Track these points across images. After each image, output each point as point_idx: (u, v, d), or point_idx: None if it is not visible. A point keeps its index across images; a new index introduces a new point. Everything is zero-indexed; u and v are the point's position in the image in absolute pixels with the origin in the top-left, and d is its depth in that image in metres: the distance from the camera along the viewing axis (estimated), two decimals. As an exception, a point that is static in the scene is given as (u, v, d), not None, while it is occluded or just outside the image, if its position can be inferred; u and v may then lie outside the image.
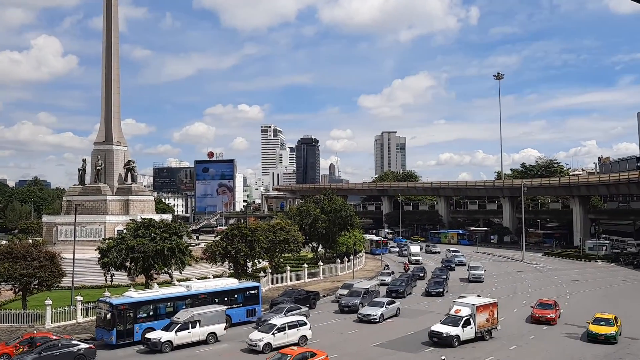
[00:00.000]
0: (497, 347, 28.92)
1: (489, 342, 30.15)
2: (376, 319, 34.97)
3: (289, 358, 23.76)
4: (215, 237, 50.42)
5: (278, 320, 30.28)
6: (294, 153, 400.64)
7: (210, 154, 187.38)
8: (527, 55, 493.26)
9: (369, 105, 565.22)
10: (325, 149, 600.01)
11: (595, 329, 29.56)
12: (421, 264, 63.16)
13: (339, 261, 60.62)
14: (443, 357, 24.99)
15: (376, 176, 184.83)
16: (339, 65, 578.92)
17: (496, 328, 31.63)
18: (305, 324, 30.71)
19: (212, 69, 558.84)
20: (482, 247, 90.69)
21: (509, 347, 28.85)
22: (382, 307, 36.34)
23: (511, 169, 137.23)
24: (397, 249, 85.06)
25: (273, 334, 28.79)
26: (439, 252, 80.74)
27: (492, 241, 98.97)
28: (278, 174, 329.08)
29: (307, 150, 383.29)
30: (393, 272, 55.68)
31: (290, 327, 29.70)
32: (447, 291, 46.37)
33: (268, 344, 28.25)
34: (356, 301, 38.97)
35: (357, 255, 64.96)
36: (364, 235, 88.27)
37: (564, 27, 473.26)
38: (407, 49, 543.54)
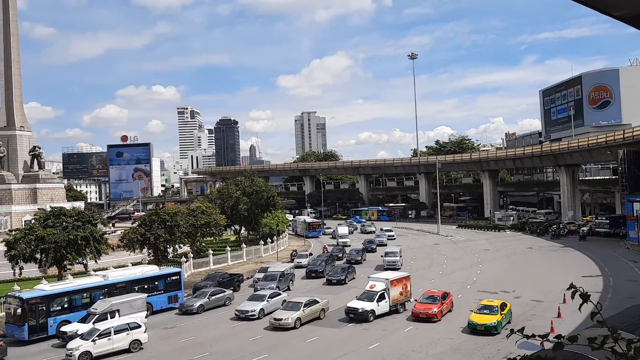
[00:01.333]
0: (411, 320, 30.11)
1: (403, 314, 31.06)
2: (255, 315, 30.94)
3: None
4: (132, 223, 48.40)
5: (102, 325, 26.28)
6: (213, 135, 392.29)
7: (124, 138, 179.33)
8: (439, 35, 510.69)
9: (288, 86, 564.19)
10: (245, 130, 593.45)
11: (475, 318, 26.83)
12: (348, 246, 61.27)
13: (263, 243, 60.51)
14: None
15: (297, 156, 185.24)
16: (256, 45, 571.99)
17: (409, 300, 32.53)
18: (138, 326, 26.79)
19: (122, 49, 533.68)
20: (401, 222, 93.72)
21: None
22: (263, 301, 32.26)
23: (426, 146, 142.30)
24: (332, 230, 79.06)
25: (93, 340, 24.94)
26: (374, 232, 76.30)
27: (410, 216, 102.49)
28: (197, 157, 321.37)
29: (226, 131, 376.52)
30: (311, 254, 54.40)
31: (117, 332, 25.80)
32: (354, 278, 42.47)
33: (86, 353, 24.46)
34: (272, 285, 37.53)
35: (281, 236, 65.08)
36: (297, 217, 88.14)
37: (473, 9, 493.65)
38: (324, 29, 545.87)
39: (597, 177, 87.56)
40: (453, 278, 42.17)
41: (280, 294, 34.25)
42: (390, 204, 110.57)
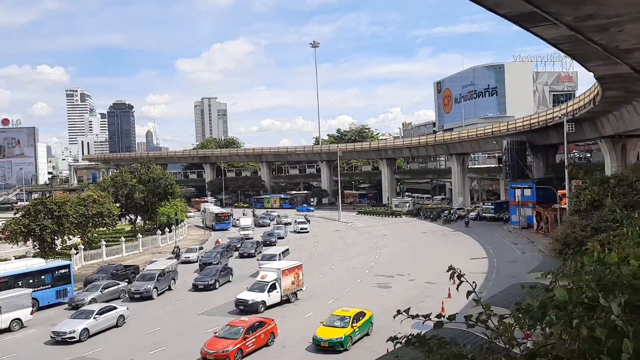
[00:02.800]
0: (302, 309, 30.62)
1: (294, 304, 30.96)
2: (75, 337, 24.71)
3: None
4: (15, 214, 44.83)
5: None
6: (106, 120, 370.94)
7: (5, 121, 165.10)
8: (341, 25, 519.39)
9: (187, 70, 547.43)
10: (142, 115, 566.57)
11: (321, 332, 22.86)
12: (251, 238, 57.78)
13: (160, 232, 58.53)
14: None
15: (197, 143, 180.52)
16: (153, 27, 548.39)
17: (301, 289, 32.32)
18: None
19: (3, 25, 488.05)
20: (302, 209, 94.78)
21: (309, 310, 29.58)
22: (90, 319, 25.92)
23: (328, 135, 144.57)
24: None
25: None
26: (290, 224, 69.51)
27: (312, 203, 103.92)
28: (88, 143, 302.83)
29: (120, 116, 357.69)
30: (201, 248, 50.45)
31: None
32: (229, 281, 37.30)
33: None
34: (149, 286, 33.24)
35: (180, 225, 63.30)
36: (206, 207, 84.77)
37: (373, 1, 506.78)
38: (225, 12, 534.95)
39: (484, 166, 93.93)
40: (352, 263, 43.39)
41: (115, 308, 27.92)
42: (293, 192, 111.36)
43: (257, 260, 40.15)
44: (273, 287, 30.18)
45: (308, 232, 63.06)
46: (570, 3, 7.99)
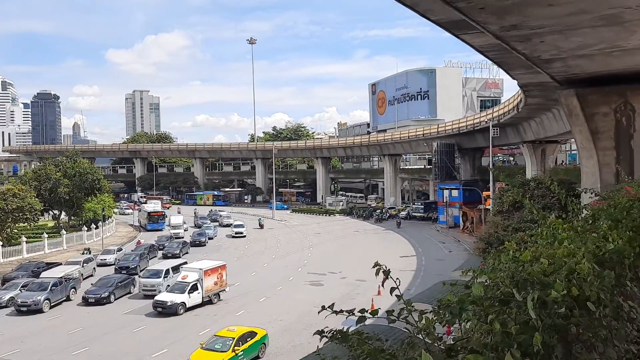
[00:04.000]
0: (233, 307, 30.40)
1: (217, 306, 30.17)
2: None
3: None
4: None
5: None
6: (30, 110, 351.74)
7: None
8: (279, 23, 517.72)
9: (118, 61, 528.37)
10: (68, 107, 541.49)
11: (196, 357, 19.98)
12: (182, 237, 55.21)
13: (86, 229, 56.14)
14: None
15: (128, 137, 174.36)
16: (81, 14, 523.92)
17: (225, 290, 31.46)
18: None
19: None
20: (237, 207, 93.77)
21: (236, 311, 28.83)
22: None
23: (264, 132, 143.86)
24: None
25: None
26: (230, 225, 64.65)
27: (246, 201, 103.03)
28: (9, 134, 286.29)
29: (45, 107, 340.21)
30: (121, 249, 46.66)
31: None
32: (129, 292, 32.57)
33: None
34: (39, 297, 28.76)
35: (107, 222, 60.94)
36: (143, 205, 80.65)
37: (311, 0, 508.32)
38: (160, 4, 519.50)
39: (415, 167, 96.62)
40: (285, 261, 43.43)
41: None
42: (227, 189, 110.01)
43: (139, 277, 34.57)
44: (194, 288, 28.99)
45: (244, 236, 57.32)
46: (496, 13, 8.38)
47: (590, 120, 15.11)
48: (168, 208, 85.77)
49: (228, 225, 65.54)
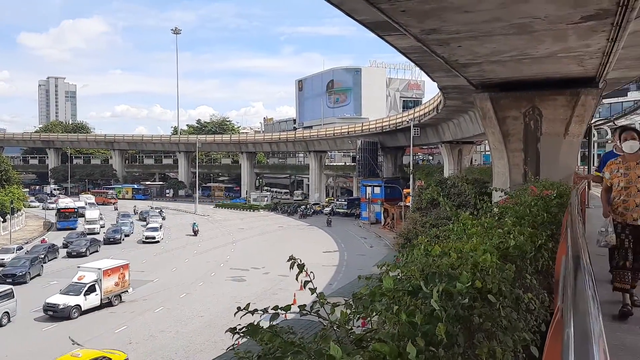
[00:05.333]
0: (151, 304, 29.62)
1: (136, 303, 29.12)
2: None
3: None
4: None
5: None
6: None
7: None
8: (204, 14, 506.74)
9: (31, 45, 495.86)
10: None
11: None
12: (97, 233, 52.49)
13: (-9, 222, 52.42)
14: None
15: (41, 126, 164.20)
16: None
17: (127, 291, 29.98)
18: None
19: None
20: (157, 201, 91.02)
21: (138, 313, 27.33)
22: None
23: (187, 125, 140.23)
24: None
25: None
26: (164, 219, 63.34)
27: (167, 195, 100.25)
28: None
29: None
30: (21, 247, 41.86)
31: None
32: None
33: None
34: None
35: (16, 215, 57.19)
36: (63, 201, 74.29)
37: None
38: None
39: (340, 164, 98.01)
40: (207, 257, 42.72)
41: None
42: (147, 182, 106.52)
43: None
44: (92, 289, 27.20)
45: (158, 242, 50.35)
46: (417, 16, 8.65)
47: (502, 123, 15.97)
48: (114, 204, 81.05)
49: (164, 218, 63.97)
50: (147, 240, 49.94)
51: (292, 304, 2.47)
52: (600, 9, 8.07)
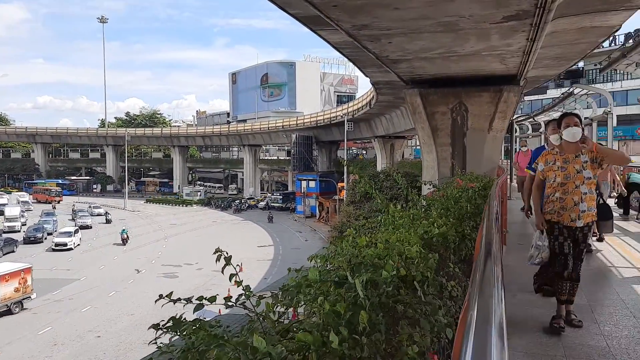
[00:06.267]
0: (78, 303, 28.53)
1: (61, 303, 27.85)
2: None
3: None
4: None
5: None
6: None
7: None
8: (134, 3, 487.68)
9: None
10: None
11: None
12: (18, 231, 48.87)
13: None
14: None
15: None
16: None
17: (30, 297, 28.18)
18: None
19: None
20: (84, 196, 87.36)
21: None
22: None
23: (116, 117, 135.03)
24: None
25: None
26: (109, 221, 59.05)
27: (95, 190, 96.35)
28: None
29: None
30: None
31: None
32: None
33: None
34: None
35: None
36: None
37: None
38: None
39: (275, 158, 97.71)
40: (138, 253, 41.48)
41: None
42: (73, 177, 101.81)
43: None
44: None
45: (71, 249, 43.08)
46: (348, 12, 8.75)
47: (431, 118, 16.47)
48: (58, 202, 76.05)
49: (99, 215, 61.17)
50: (56, 249, 42.60)
51: (217, 296, 2.45)
52: (520, 9, 8.48)
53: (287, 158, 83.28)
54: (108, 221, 58.09)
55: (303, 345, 1.94)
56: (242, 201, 73.88)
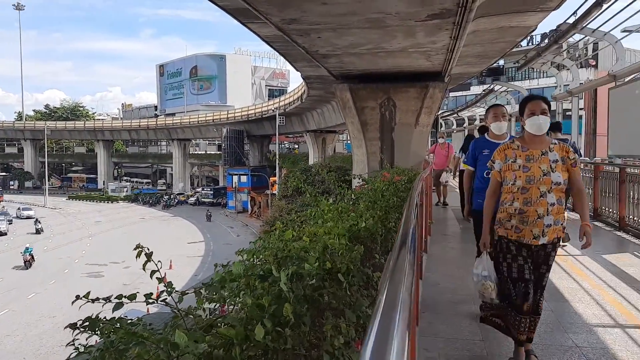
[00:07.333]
0: None
1: None
2: None
3: None
4: None
5: None
6: None
7: None
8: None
9: None
10: None
11: None
12: None
13: None
14: None
15: None
16: None
17: None
18: None
19: None
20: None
21: None
22: None
23: (35, 110, 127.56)
24: None
25: None
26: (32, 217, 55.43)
27: (12, 187, 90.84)
28: None
29: None
30: None
31: None
32: None
33: None
34: None
35: None
36: None
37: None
38: None
39: (205, 152, 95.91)
40: (60, 253, 39.61)
41: None
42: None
43: None
44: None
45: None
46: (277, 5, 8.72)
47: (360, 113, 16.73)
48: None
49: (29, 218, 56.22)
50: None
51: (137, 293, 2.40)
52: (444, 8, 8.77)
53: (218, 152, 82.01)
54: (38, 231, 49.68)
55: (226, 340, 1.94)
56: (172, 197, 72.11)
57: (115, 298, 2.22)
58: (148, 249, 2.45)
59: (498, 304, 3.81)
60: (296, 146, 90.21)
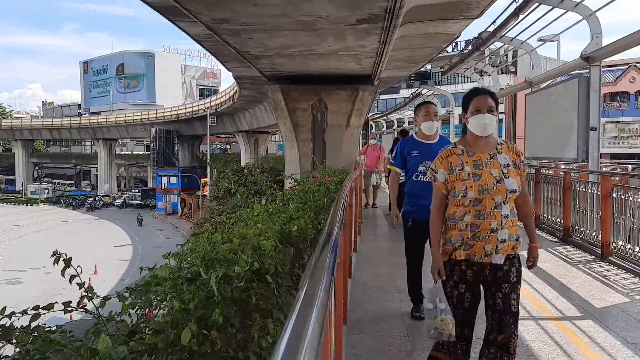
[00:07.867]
0: None
1: None
2: None
3: None
4: None
5: None
6: None
7: None
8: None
9: None
10: None
11: None
12: None
13: None
14: None
15: None
16: None
17: None
18: None
19: None
20: None
21: None
22: None
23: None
24: None
25: None
26: None
27: None
28: None
29: None
30: None
31: None
32: None
33: None
34: None
35: None
36: None
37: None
38: None
39: (133, 152, 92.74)
40: (-28, 260, 37.06)
41: None
42: None
43: None
44: None
45: None
46: (207, 4, 8.61)
47: (292, 115, 16.81)
48: None
49: None
50: None
51: (55, 303, 2.31)
52: (372, 13, 8.98)
53: (147, 153, 79.58)
54: None
55: (151, 346, 1.91)
56: (96, 199, 69.24)
57: (33, 307, 2.12)
58: (66, 255, 2.37)
59: (455, 342, 3.09)
60: (228, 147, 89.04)
